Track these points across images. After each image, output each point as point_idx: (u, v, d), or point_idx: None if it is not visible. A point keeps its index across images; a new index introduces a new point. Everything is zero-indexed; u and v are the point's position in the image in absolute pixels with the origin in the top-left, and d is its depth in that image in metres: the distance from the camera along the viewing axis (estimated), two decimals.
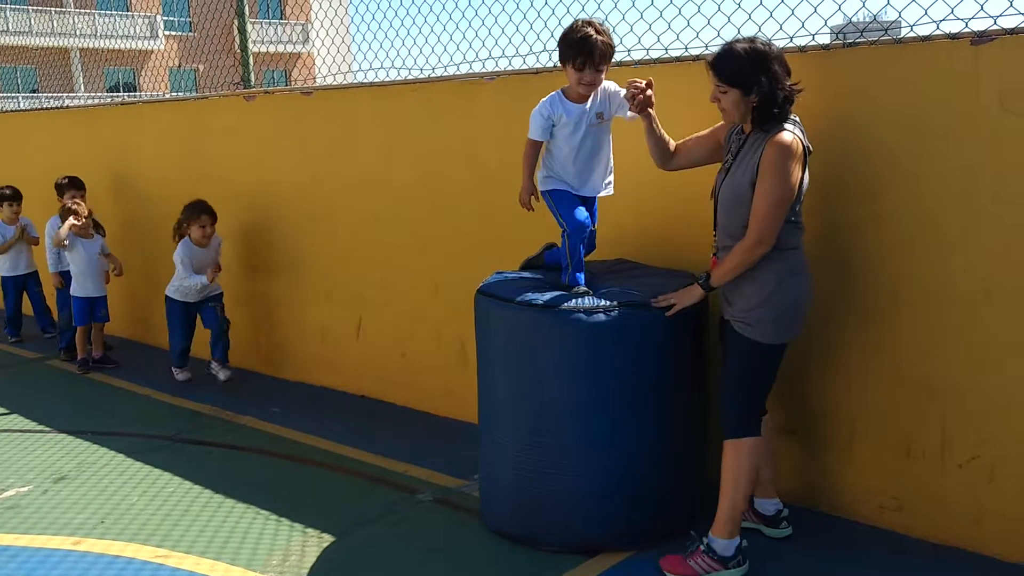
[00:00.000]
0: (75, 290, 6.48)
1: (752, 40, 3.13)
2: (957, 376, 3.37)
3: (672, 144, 3.57)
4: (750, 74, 3.07)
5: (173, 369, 6.11)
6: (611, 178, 3.76)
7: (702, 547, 3.28)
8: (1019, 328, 3.22)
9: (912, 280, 3.42)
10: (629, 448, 3.39)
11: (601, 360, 3.32)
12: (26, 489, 4.32)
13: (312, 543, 3.67)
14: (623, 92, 3.49)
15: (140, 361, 6.65)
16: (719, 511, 3.26)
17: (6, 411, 5.56)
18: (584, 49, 3.43)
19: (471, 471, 4.24)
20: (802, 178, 3.14)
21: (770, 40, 3.19)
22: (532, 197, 3.74)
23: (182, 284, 5.84)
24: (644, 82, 3.41)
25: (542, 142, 3.68)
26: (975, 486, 3.38)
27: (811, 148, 3.21)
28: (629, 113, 3.49)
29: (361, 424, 5.11)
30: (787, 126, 3.10)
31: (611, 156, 3.75)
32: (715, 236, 3.35)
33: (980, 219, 3.26)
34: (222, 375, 5.92)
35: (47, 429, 5.20)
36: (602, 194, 3.76)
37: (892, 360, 3.51)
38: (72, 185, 6.82)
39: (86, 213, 6.40)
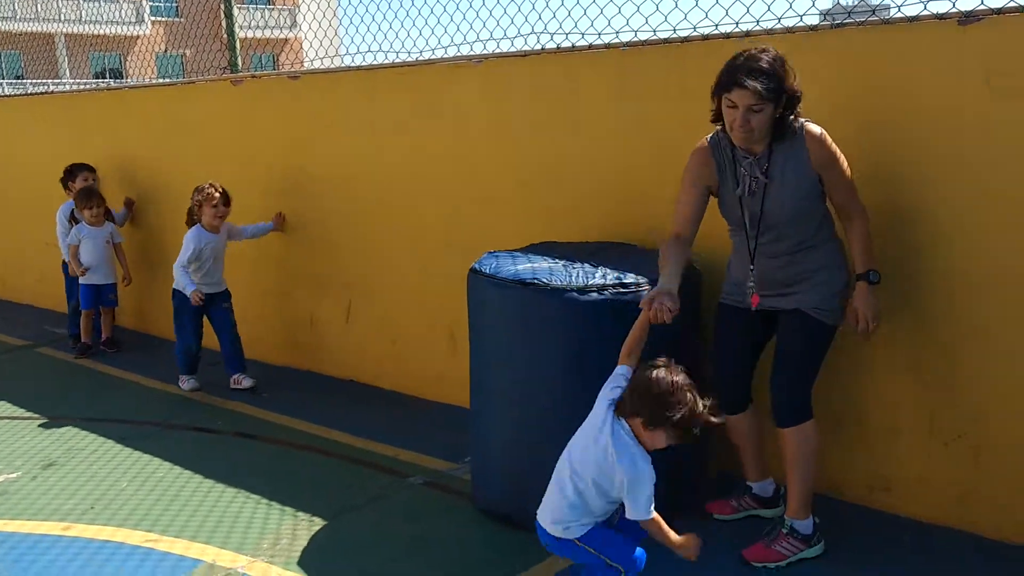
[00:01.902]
0: (82, 277, 6.47)
1: (762, 50, 3.00)
2: (944, 356, 3.39)
3: (677, 240, 3.24)
4: (785, 86, 2.98)
5: (180, 377, 5.60)
6: None
7: (784, 530, 3.28)
8: (1003, 308, 3.24)
9: (900, 262, 3.43)
10: None
11: (594, 339, 3.32)
12: (15, 475, 4.31)
13: (303, 527, 3.68)
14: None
15: (129, 348, 6.63)
16: (794, 495, 3.27)
17: None
18: None
19: (461, 455, 4.24)
20: None
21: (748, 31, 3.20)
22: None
23: (177, 275, 5.40)
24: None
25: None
26: (961, 465, 3.41)
27: None
28: None
29: (351, 409, 5.11)
30: (800, 118, 3.10)
31: None
32: (753, 262, 3.23)
33: (965, 200, 3.26)
34: (246, 383, 5.49)
35: (36, 416, 5.18)
36: None
37: (880, 342, 3.52)
38: (86, 167, 6.72)
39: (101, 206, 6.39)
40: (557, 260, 3.62)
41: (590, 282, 3.32)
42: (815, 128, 3.09)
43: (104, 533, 3.68)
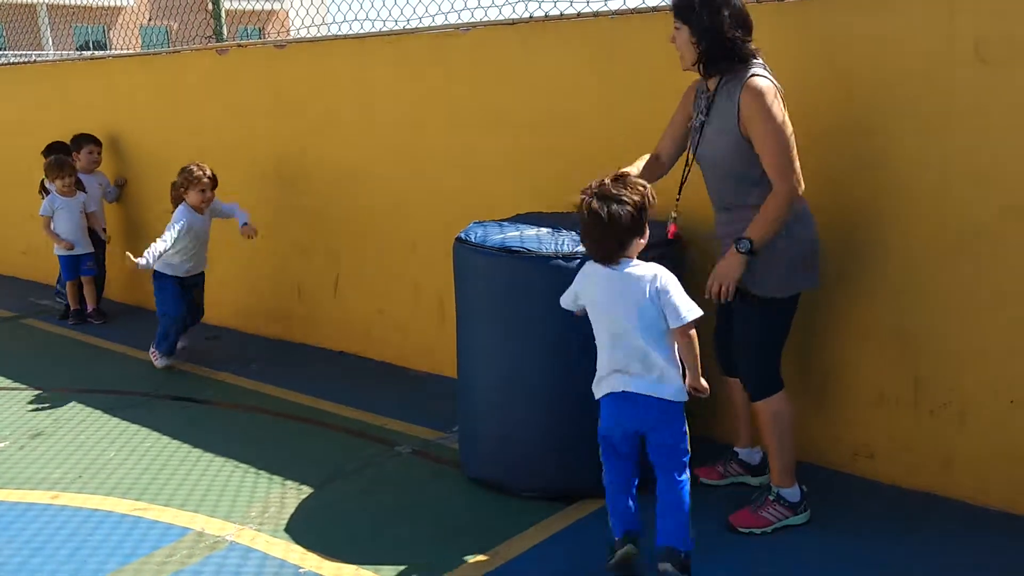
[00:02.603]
0: (58, 249, 6.44)
1: None
2: (929, 324, 3.41)
3: (652, 157, 3.41)
4: (700, 11, 3.05)
5: (154, 353, 5.44)
6: None
7: (771, 497, 3.31)
8: (992, 276, 3.26)
9: (885, 231, 3.44)
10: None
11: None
12: (3, 445, 4.30)
13: (291, 495, 3.69)
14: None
15: (115, 318, 6.61)
16: (775, 465, 3.29)
17: None
18: None
19: (449, 424, 4.26)
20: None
21: None
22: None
23: (156, 250, 5.04)
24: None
25: None
26: (947, 432, 3.44)
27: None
28: None
29: (340, 380, 5.12)
30: (756, 70, 3.07)
31: None
32: (679, 192, 3.33)
33: (955, 169, 3.27)
34: (161, 362, 5.40)
35: (22, 386, 5.16)
36: None
37: (866, 310, 3.54)
38: (92, 139, 6.62)
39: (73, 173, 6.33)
40: (543, 229, 3.62)
41: (576, 249, 3.32)
42: (758, 82, 3.03)
43: (92, 502, 3.68)
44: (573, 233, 3.53)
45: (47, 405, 4.83)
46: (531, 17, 4.37)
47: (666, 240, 3.34)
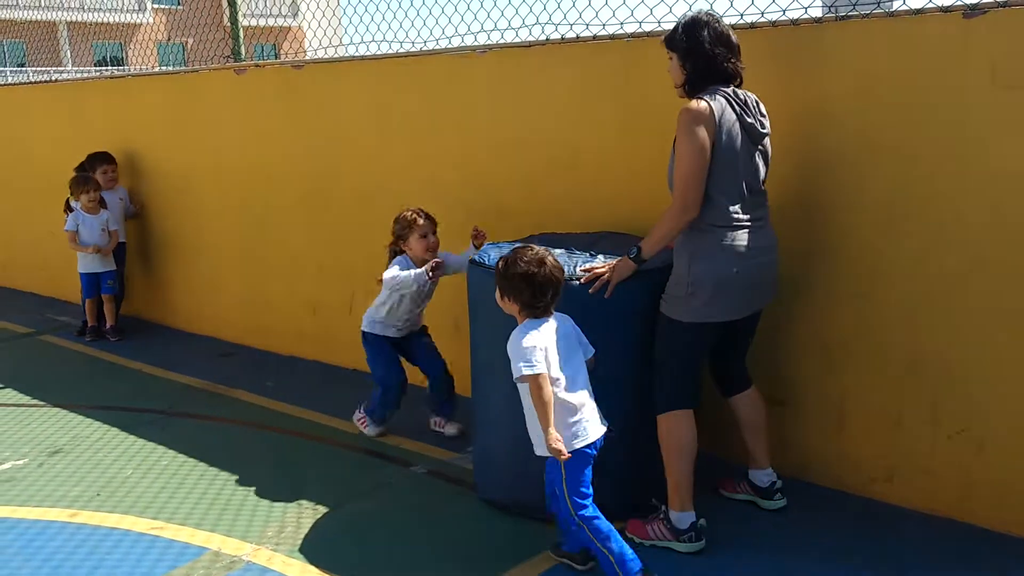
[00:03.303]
0: (81, 266, 6.52)
1: (704, 12, 3.22)
2: (945, 349, 3.40)
3: None
4: (682, 35, 3.19)
5: (363, 419, 4.58)
6: None
7: (661, 515, 3.34)
8: (1006, 301, 3.25)
9: (900, 254, 3.44)
10: (616, 418, 3.41)
11: (587, 329, 3.33)
12: (22, 462, 4.34)
13: (307, 515, 3.70)
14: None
15: (132, 335, 6.65)
16: (668, 483, 3.31)
17: (1, 385, 5.56)
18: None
19: (464, 444, 4.27)
20: (719, 147, 3.08)
21: (717, 15, 3.22)
22: None
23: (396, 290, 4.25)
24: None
25: None
26: (965, 457, 3.42)
27: (762, 124, 3.19)
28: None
29: (355, 398, 5.12)
30: (706, 96, 3.12)
31: None
32: None
33: (969, 193, 3.27)
34: (451, 430, 4.52)
35: (41, 403, 5.20)
36: None
37: (881, 333, 3.54)
38: (105, 159, 6.70)
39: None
40: (557, 250, 3.62)
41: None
42: (692, 103, 3.12)
43: (110, 520, 3.70)
44: (585, 254, 3.54)
45: (66, 422, 4.87)
46: (547, 40, 4.40)
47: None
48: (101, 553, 3.42)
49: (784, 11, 3.63)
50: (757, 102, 3.24)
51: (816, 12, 3.59)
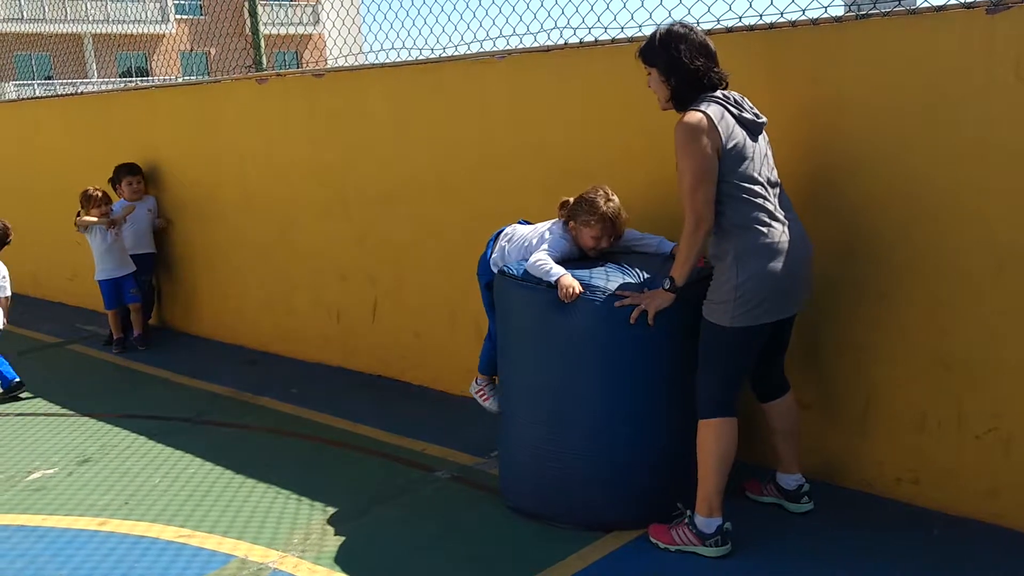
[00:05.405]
0: (98, 274, 6.56)
1: (678, 24, 3.19)
2: (971, 349, 3.37)
3: None
4: (660, 50, 3.15)
5: (481, 390, 4.17)
6: None
7: (686, 520, 3.32)
8: None
9: (927, 253, 3.41)
10: (644, 426, 3.41)
11: (617, 340, 3.33)
12: (52, 471, 4.40)
13: (332, 522, 3.72)
14: None
15: (159, 344, 6.72)
16: (699, 489, 3.28)
17: (30, 395, 5.64)
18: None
19: (488, 449, 4.27)
20: (729, 150, 3.08)
21: (692, 25, 3.21)
22: None
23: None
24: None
25: None
26: (992, 459, 3.38)
27: (757, 115, 3.19)
28: None
29: (378, 404, 5.15)
30: (700, 105, 3.10)
31: None
32: None
33: (994, 191, 3.24)
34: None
35: (70, 412, 5.27)
36: None
37: (908, 333, 3.50)
38: (129, 171, 6.76)
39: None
40: (582, 261, 3.62)
41: (616, 284, 3.33)
42: (687, 117, 3.10)
43: (138, 528, 3.74)
44: (614, 265, 3.53)
45: (94, 431, 4.93)
46: (566, 44, 4.40)
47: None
48: (130, 561, 3.46)
49: (804, 11, 3.60)
50: (743, 98, 3.24)
51: (837, 11, 3.57)
